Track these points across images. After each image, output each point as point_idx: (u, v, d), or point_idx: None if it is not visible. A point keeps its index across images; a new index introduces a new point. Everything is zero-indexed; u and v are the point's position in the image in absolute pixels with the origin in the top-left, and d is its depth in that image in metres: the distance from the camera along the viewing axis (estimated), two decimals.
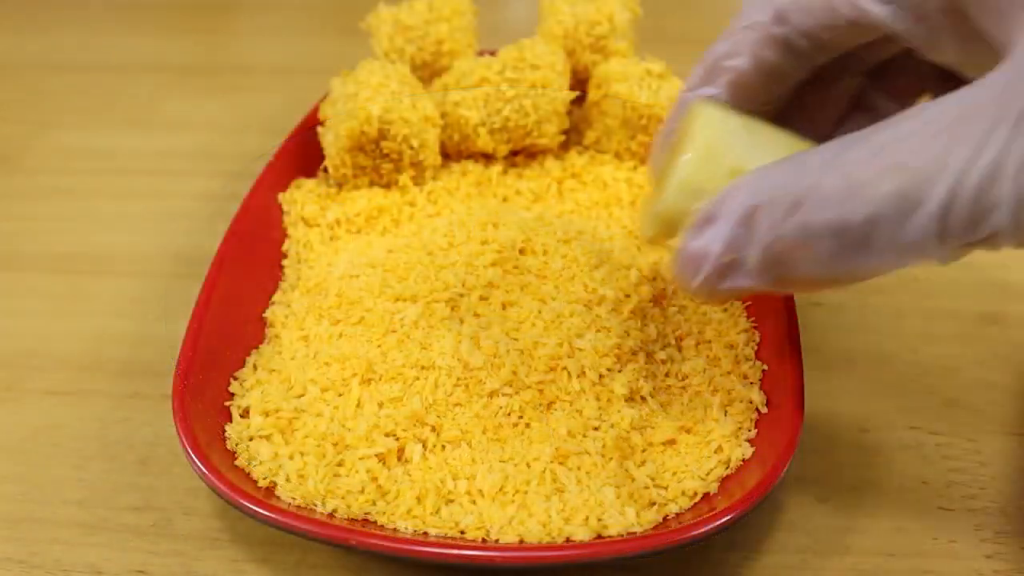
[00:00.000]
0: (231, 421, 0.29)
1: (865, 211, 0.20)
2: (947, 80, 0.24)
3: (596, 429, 0.28)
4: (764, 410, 0.29)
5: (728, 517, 0.24)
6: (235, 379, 0.31)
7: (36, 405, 0.34)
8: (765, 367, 0.30)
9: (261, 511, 0.25)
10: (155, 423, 0.33)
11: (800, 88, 0.28)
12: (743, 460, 0.27)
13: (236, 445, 0.28)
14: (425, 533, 0.26)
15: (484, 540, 0.25)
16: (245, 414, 0.30)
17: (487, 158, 0.42)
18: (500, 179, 0.41)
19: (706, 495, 0.27)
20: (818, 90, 0.28)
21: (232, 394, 0.30)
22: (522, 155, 0.42)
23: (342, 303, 0.33)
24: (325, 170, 0.41)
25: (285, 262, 0.37)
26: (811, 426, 0.31)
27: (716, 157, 0.25)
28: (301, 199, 0.39)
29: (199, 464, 0.26)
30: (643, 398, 0.29)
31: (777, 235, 0.22)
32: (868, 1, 0.23)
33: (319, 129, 0.41)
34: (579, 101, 0.43)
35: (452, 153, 0.43)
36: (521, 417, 0.28)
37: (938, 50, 0.24)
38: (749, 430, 0.29)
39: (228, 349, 0.31)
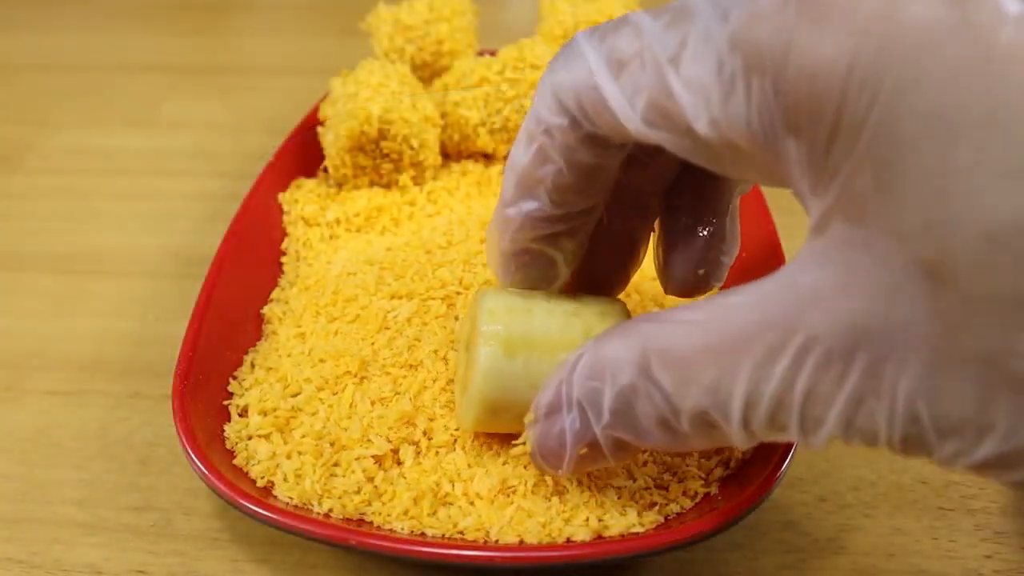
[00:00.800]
0: (230, 420, 0.29)
1: (684, 425, 0.21)
2: None
3: None
4: None
5: (728, 517, 0.24)
6: (234, 378, 0.31)
7: (36, 405, 0.34)
8: None
9: (261, 511, 0.25)
10: (155, 423, 0.33)
11: (623, 176, 0.26)
12: (743, 460, 0.27)
13: (235, 444, 0.28)
14: (423, 534, 0.26)
15: (484, 541, 0.25)
16: (244, 413, 0.29)
17: (487, 158, 0.42)
18: (500, 179, 0.41)
19: (706, 495, 0.27)
20: (640, 170, 0.26)
21: (231, 393, 0.30)
22: None
23: (338, 300, 0.33)
24: (325, 170, 0.41)
25: (284, 259, 0.37)
26: None
27: (500, 389, 0.25)
28: (301, 199, 0.39)
29: (199, 464, 0.26)
30: None
31: (610, 431, 0.22)
32: (649, 130, 0.20)
33: (319, 129, 0.41)
34: None
35: (452, 153, 0.43)
36: None
37: (730, 173, 0.22)
38: None
39: (227, 349, 0.31)
